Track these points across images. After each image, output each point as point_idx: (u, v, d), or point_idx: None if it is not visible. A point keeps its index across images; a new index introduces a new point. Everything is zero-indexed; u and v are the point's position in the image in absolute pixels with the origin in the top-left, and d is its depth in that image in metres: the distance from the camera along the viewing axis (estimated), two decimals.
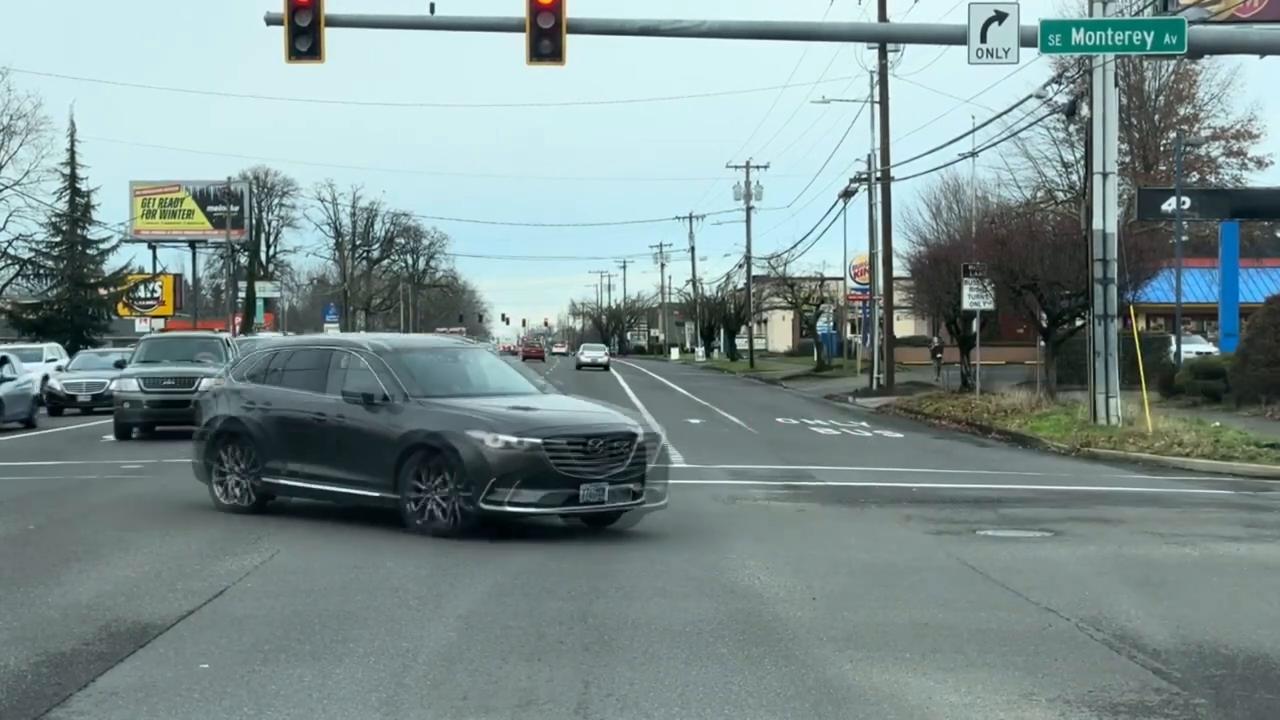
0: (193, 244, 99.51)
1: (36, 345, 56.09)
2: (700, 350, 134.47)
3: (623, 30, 29.72)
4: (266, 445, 17.22)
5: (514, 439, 15.06)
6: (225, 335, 41.80)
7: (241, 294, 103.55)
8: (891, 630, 10.96)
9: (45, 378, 43.70)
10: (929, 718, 8.58)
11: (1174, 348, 48.99)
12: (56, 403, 42.12)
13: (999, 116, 53.55)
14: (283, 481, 17.14)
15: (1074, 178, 67.46)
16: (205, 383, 19.97)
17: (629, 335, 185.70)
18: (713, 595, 12.32)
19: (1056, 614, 11.59)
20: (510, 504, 15.01)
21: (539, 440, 15.06)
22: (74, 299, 70.48)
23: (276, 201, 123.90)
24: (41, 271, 73.11)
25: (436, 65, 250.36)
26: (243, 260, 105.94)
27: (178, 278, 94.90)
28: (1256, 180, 69.80)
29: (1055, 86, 48.69)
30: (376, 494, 15.96)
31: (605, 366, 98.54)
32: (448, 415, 15.65)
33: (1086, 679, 9.43)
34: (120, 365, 36.27)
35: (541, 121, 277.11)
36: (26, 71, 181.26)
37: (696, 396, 53.41)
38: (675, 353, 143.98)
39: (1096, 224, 31.64)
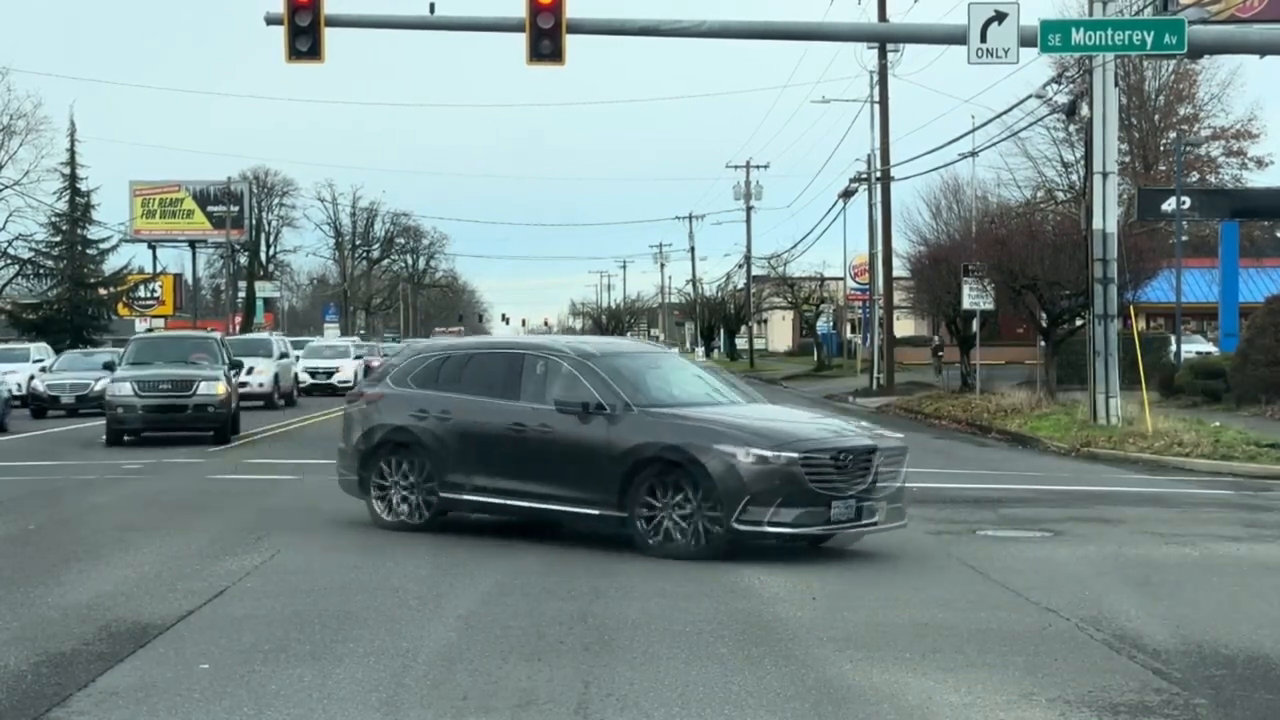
0: (193, 244, 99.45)
1: (24, 345, 55.06)
2: (700, 350, 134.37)
3: (623, 30, 29.71)
4: (445, 457, 15.75)
5: (770, 453, 13.86)
6: (216, 334, 40.90)
7: (241, 294, 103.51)
8: (891, 630, 10.96)
9: (31, 378, 42.78)
10: (929, 718, 8.58)
11: (1174, 348, 48.99)
12: (40, 404, 40.77)
13: (999, 116, 53.52)
14: (467, 497, 15.70)
15: (1074, 178, 67.45)
16: (357, 388, 17.96)
17: (629, 335, 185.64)
18: (713, 595, 12.32)
19: (1056, 614, 11.59)
20: (770, 524, 13.84)
21: (796, 455, 13.86)
22: (74, 299, 70.47)
23: (276, 201, 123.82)
24: (41, 271, 73.08)
25: (436, 65, 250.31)
26: (243, 260, 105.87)
27: (178, 278, 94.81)
28: (1256, 180, 69.82)
29: (1055, 86, 48.71)
30: (595, 511, 14.64)
31: None
32: (685, 426, 14.42)
33: (1086, 679, 9.43)
34: (109, 367, 34.36)
35: (541, 122, 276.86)
36: (26, 71, 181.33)
37: None
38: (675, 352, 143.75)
39: (1096, 224, 31.64)
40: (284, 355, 48.49)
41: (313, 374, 55.11)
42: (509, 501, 15.41)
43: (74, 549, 15.00)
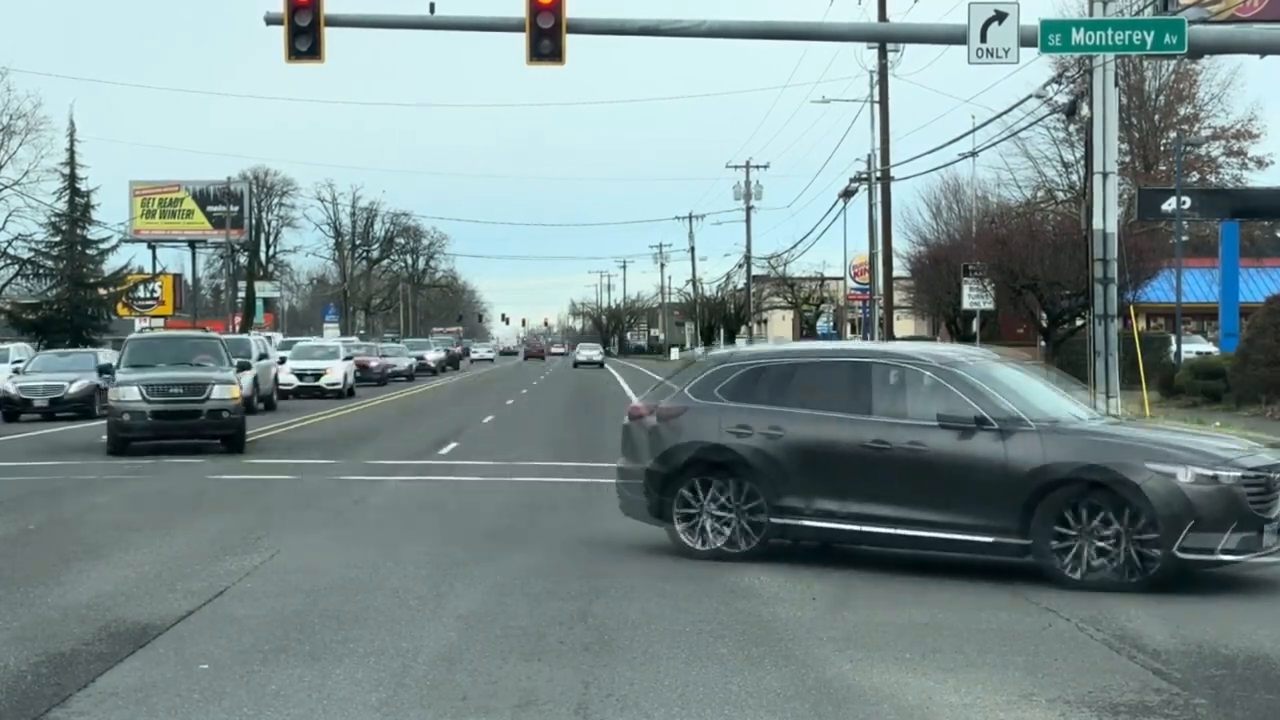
0: (192, 244, 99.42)
1: (3, 345, 53.47)
2: (701, 350, 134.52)
3: (623, 30, 29.69)
4: (777, 479, 13.99)
5: (1215, 472, 12.65)
6: (214, 334, 39.62)
7: (241, 294, 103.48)
8: (891, 630, 10.96)
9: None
10: (929, 718, 8.58)
11: (1174, 348, 48.98)
12: (12, 408, 39.20)
13: (999, 116, 53.47)
14: (807, 523, 13.94)
15: (1074, 178, 67.48)
16: (638, 402, 15.72)
17: (629, 335, 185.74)
18: (713, 595, 12.32)
19: (1056, 614, 11.59)
20: (1222, 551, 12.59)
21: (1239, 474, 12.69)
22: (74, 299, 70.37)
23: (276, 201, 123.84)
24: (41, 271, 72.95)
25: (436, 65, 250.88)
26: (242, 260, 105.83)
27: (177, 278, 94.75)
28: (1256, 180, 69.81)
29: (1055, 86, 48.68)
30: (987, 539, 13.15)
31: (600, 364, 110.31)
32: (1102, 443, 13.19)
33: (1086, 679, 9.43)
34: (106, 370, 32.02)
35: (541, 122, 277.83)
36: (26, 71, 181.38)
37: None
38: (675, 353, 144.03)
39: (1096, 224, 31.60)
40: (264, 357, 45.63)
41: (300, 376, 52.30)
42: (866, 528, 13.78)
43: (74, 549, 15.00)
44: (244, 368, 32.29)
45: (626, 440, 15.39)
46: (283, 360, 51.96)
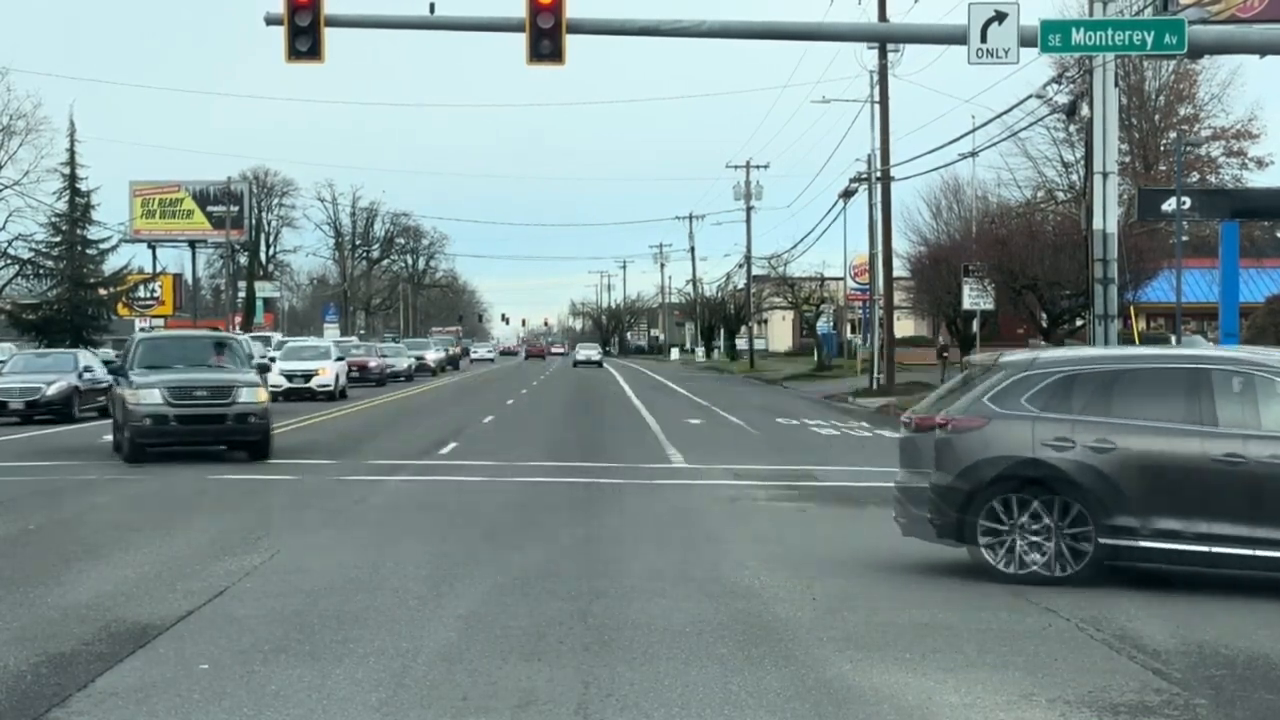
0: (192, 244, 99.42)
1: None
2: (700, 350, 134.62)
3: (623, 30, 29.71)
4: (1105, 496, 12.90)
5: None
6: (224, 333, 38.63)
7: (241, 294, 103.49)
8: (891, 630, 10.97)
9: None
10: (929, 718, 8.58)
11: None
12: None
13: (999, 116, 53.45)
14: (1143, 544, 12.85)
15: (1074, 178, 67.45)
16: (922, 412, 14.43)
17: (629, 335, 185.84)
18: (713, 595, 12.32)
19: (1056, 614, 11.59)
20: None
21: None
22: (74, 299, 70.36)
23: (276, 201, 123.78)
24: (41, 271, 72.93)
25: (436, 65, 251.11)
26: (242, 260, 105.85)
27: (177, 278, 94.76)
28: (1256, 180, 69.73)
29: (1055, 86, 48.68)
30: None
31: (599, 364, 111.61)
32: None
33: (1086, 679, 9.43)
34: (118, 372, 29.84)
35: (541, 122, 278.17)
36: (26, 71, 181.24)
37: (697, 397, 53.42)
38: (675, 353, 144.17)
39: (1096, 224, 31.64)
40: (249, 357, 44.64)
41: (290, 377, 50.41)
42: (1216, 549, 12.71)
43: (74, 549, 15.00)
44: (264, 370, 31.10)
45: (908, 454, 14.17)
46: (272, 360, 51.15)
